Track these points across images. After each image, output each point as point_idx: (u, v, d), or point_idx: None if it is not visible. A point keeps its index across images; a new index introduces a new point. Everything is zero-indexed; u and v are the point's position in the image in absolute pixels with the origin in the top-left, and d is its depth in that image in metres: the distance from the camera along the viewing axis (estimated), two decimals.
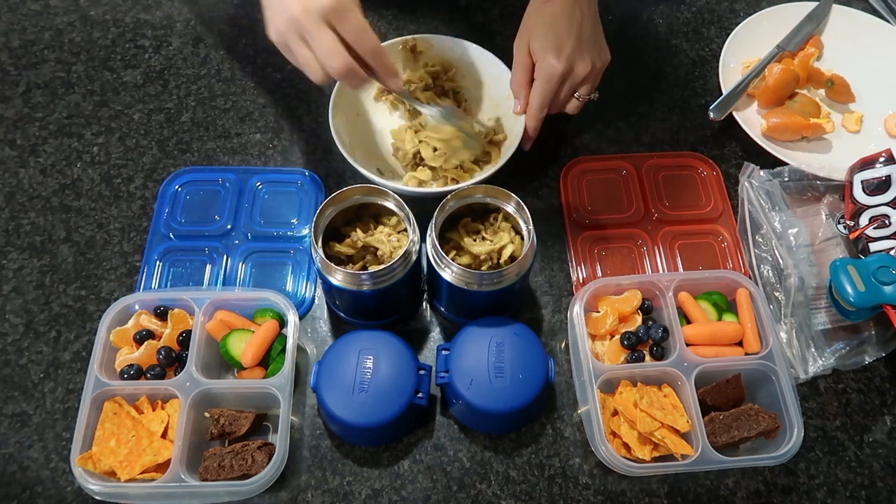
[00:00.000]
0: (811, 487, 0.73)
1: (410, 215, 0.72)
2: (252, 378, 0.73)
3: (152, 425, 0.69)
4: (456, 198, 0.74)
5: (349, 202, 0.74)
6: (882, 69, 1.00)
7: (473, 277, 0.70)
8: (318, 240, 0.71)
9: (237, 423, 0.69)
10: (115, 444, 0.67)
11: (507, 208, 0.75)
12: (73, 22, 1.05)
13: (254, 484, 0.65)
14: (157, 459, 0.67)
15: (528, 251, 0.71)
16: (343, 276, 0.70)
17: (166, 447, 0.67)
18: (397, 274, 0.71)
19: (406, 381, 0.70)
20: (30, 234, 0.87)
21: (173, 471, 0.65)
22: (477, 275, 0.70)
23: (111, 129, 0.95)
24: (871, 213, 0.82)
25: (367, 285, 0.70)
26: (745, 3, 1.11)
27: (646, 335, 0.76)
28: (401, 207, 0.73)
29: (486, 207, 0.77)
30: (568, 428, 0.75)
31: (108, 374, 0.72)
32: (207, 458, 0.68)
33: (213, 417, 0.70)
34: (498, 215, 0.77)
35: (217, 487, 0.66)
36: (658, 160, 0.93)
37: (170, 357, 0.73)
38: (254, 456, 0.68)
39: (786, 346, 0.78)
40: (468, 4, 1.08)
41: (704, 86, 1.02)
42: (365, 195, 0.74)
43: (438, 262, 0.71)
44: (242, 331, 0.74)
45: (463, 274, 0.70)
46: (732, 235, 0.87)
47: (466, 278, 0.70)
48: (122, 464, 0.66)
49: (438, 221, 0.72)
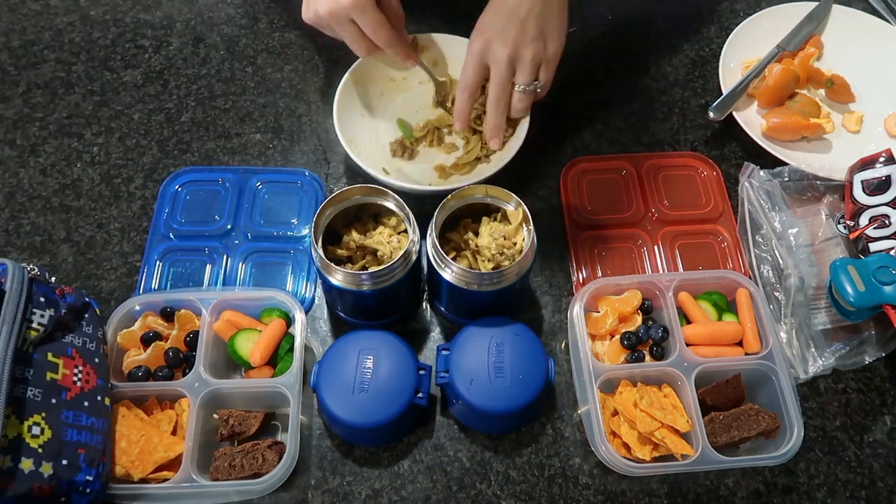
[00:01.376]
0: (811, 487, 0.73)
1: (410, 215, 0.72)
2: (260, 377, 0.73)
3: (161, 424, 0.69)
4: (456, 198, 0.74)
5: (349, 202, 0.74)
6: (882, 69, 1.00)
7: (474, 277, 0.70)
8: (318, 240, 0.71)
9: (247, 422, 0.70)
10: (125, 445, 0.67)
11: (507, 208, 0.75)
12: (73, 22, 1.05)
13: (266, 482, 0.66)
14: (168, 455, 0.67)
15: (528, 251, 0.71)
16: (343, 277, 0.70)
17: (177, 443, 0.68)
18: (397, 274, 0.71)
19: (406, 381, 0.70)
20: (30, 234, 0.86)
21: (185, 471, 0.66)
22: (477, 275, 0.70)
23: (111, 129, 0.95)
24: (871, 213, 0.82)
25: (367, 285, 0.70)
26: (745, 3, 1.11)
27: (646, 335, 0.76)
28: (401, 207, 0.73)
29: (486, 208, 0.77)
30: (568, 428, 0.75)
31: (116, 376, 0.72)
32: (218, 458, 0.68)
33: (223, 418, 0.70)
34: (497, 215, 0.77)
35: (229, 487, 0.67)
36: (658, 160, 0.93)
37: (177, 358, 0.73)
38: (264, 455, 0.68)
39: (786, 346, 0.78)
40: (468, 4, 1.08)
41: (704, 86, 1.02)
42: (365, 195, 0.74)
43: (439, 262, 0.71)
44: (250, 330, 0.75)
45: (463, 274, 0.70)
46: (732, 235, 0.87)
47: (467, 278, 0.70)
48: (133, 463, 0.67)
49: (438, 221, 0.72)
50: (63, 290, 0.70)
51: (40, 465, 0.61)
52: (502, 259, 0.73)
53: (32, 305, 0.65)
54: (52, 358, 0.66)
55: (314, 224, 0.70)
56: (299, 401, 0.69)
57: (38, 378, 0.63)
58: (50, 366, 0.65)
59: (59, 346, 0.66)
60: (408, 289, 0.77)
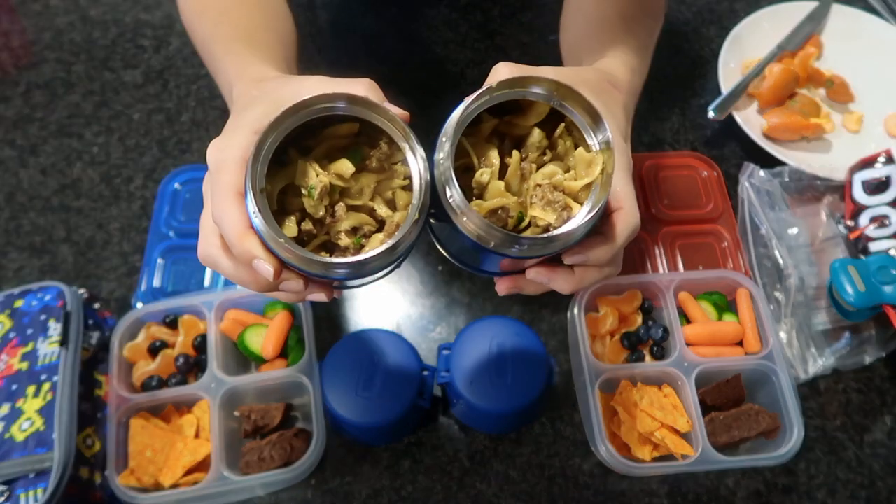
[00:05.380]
0: (811, 487, 0.73)
1: (410, 133, 0.43)
2: (273, 370, 0.74)
3: (184, 429, 0.70)
4: (503, 87, 0.43)
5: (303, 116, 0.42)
6: (882, 69, 1.00)
7: (501, 239, 0.42)
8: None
9: (269, 415, 0.71)
10: (151, 454, 0.68)
11: (586, 138, 0.44)
12: (73, 22, 1.05)
13: (300, 469, 0.68)
14: (196, 458, 0.68)
15: (589, 218, 0.42)
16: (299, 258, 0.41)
17: (202, 445, 0.69)
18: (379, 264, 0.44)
19: (409, 382, 0.70)
20: (30, 234, 0.86)
21: (216, 470, 0.67)
22: (508, 237, 0.42)
23: (111, 129, 0.95)
24: (871, 213, 0.82)
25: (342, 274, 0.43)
26: (745, 3, 1.11)
27: (646, 335, 0.76)
28: (393, 125, 0.43)
29: (534, 110, 0.45)
30: (568, 428, 0.75)
31: (129, 389, 0.73)
32: (247, 454, 0.69)
33: (244, 414, 0.71)
34: (560, 130, 0.45)
35: (263, 479, 0.68)
36: (658, 160, 0.93)
37: (188, 363, 0.74)
38: (292, 444, 0.70)
39: (786, 346, 0.78)
40: (468, 4, 1.08)
41: (704, 86, 1.02)
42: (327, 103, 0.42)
43: (452, 206, 0.42)
44: (257, 326, 0.75)
45: (486, 228, 0.41)
46: (732, 235, 0.87)
47: (489, 233, 0.42)
48: (162, 471, 0.68)
49: (462, 120, 0.42)
50: (104, 313, 0.78)
51: (93, 474, 0.67)
52: (551, 212, 0.44)
53: (85, 328, 0.73)
54: (98, 375, 0.73)
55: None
56: (319, 386, 0.70)
57: (89, 394, 0.71)
58: (97, 383, 0.73)
59: (102, 366, 0.74)
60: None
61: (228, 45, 0.61)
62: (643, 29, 0.68)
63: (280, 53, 0.62)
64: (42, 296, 0.72)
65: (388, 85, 0.48)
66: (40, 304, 0.72)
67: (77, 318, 0.71)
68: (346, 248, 0.44)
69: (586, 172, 0.44)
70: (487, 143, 0.46)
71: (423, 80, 1.00)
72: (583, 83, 0.49)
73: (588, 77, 0.53)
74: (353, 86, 0.46)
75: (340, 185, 0.43)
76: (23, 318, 0.71)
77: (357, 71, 0.49)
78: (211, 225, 0.45)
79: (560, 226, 0.43)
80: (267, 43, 0.62)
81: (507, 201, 0.44)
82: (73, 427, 0.65)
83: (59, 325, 0.70)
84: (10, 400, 0.67)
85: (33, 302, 0.72)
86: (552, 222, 0.43)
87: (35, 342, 0.69)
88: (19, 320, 0.71)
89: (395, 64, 1.01)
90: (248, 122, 0.45)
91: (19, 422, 0.65)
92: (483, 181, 0.44)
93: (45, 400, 0.66)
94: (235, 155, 0.43)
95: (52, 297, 0.72)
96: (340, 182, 0.43)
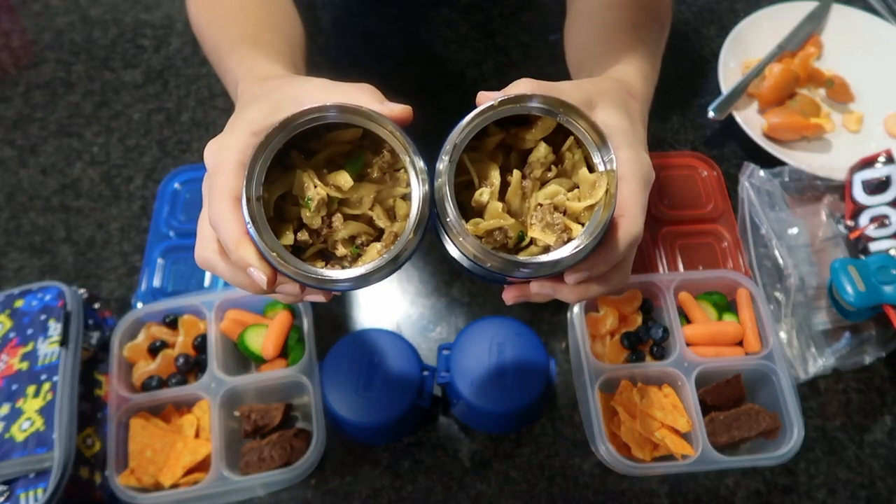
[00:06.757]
0: (811, 487, 0.73)
1: (411, 146, 0.42)
2: (273, 370, 0.74)
3: (184, 429, 0.70)
4: (506, 104, 0.42)
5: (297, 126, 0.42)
6: (882, 69, 1.00)
7: (500, 261, 0.42)
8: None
9: (269, 415, 0.71)
10: (151, 454, 0.68)
11: (592, 156, 0.43)
12: (73, 22, 1.05)
13: (300, 469, 0.68)
14: (196, 458, 0.68)
15: (589, 241, 0.42)
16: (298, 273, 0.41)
17: (202, 445, 0.69)
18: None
19: (410, 382, 0.70)
20: (30, 234, 0.86)
21: (216, 470, 0.67)
22: (508, 261, 0.41)
23: (111, 129, 0.95)
24: (871, 213, 0.82)
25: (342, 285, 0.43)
26: (745, 2, 1.11)
27: (646, 335, 0.76)
28: (396, 136, 0.43)
29: (538, 124, 0.45)
30: (568, 428, 0.75)
31: (129, 389, 0.73)
32: (247, 454, 0.69)
33: (244, 415, 0.71)
34: (567, 145, 0.44)
35: (264, 479, 0.68)
36: (658, 160, 0.93)
37: (188, 363, 0.74)
38: (292, 443, 0.70)
39: (786, 346, 0.78)
40: (468, 4, 1.08)
41: (704, 86, 1.02)
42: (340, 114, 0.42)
43: (448, 227, 0.41)
44: (257, 326, 0.75)
45: (483, 252, 0.41)
46: (732, 235, 0.87)
47: (486, 256, 0.41)
48: (162, 471, 0.68)
49: (463, 137, 0.42)
50: (104, 313, 0.77)
51: (94, 474, 0.68)
52: (550, 233, 0.43)
53: (85, 328, 0.72)
54: (98, 375, 0.73)
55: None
56: (319, 386, 0.70)
57: (89, 394, 0.71)
58: (97, 383, 0.73)
59: (102, 366, 0.74)
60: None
61: (235, 45, 0.61)
62: (652, 36, 0.68)
63: (287, 54, 0.62)
64: (42, 296, 0.73)
65: (388, 85, 0.49)
66: (40, 304, 0.72)
67: (77, 318, 0.71)
68: (342, 257, 0.44)
69: (590, 194, 0.44)
70: (493, 156, 0.45)
71: (423, 80, 1.00)
72: (602, 95, 0.49)
73: (607, 88, 0.51)
74: (354, 91, 0.45)
75: (338, 197, 0.43)
76: (23, 318, 0.72)
77: (357, 70, 0.49)
78: (208, 228, 0.45)
79: (559, 247, 0.42)
80: (274, 43, 0.62)
81: (505, 223, 0.43)
82: (73, 427, 0.65)
83: (59, 325, 0.70)
84: (10, 400, 0.67)
85: (33, 302, 0.72)
86: (552, 244, 0.43)
87: (35, 342, 0.69)
88: (19, 320, 0.71)
89: (395, 64, 1.01)
90: (245, 122, 0.45)
91: (19, 422, 0.65)
92: (482, 201, 0.43)
93: (45, 400, 0.66)
94: (233, 157, 0.43)
95: (52, 297, 0.72)
96: (338, 194, 0.43)
